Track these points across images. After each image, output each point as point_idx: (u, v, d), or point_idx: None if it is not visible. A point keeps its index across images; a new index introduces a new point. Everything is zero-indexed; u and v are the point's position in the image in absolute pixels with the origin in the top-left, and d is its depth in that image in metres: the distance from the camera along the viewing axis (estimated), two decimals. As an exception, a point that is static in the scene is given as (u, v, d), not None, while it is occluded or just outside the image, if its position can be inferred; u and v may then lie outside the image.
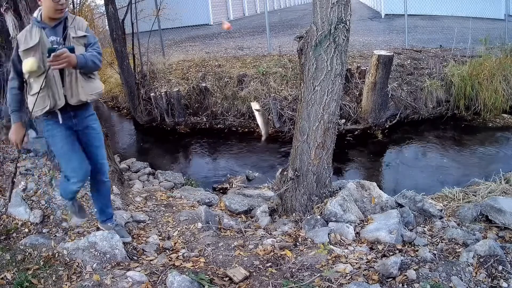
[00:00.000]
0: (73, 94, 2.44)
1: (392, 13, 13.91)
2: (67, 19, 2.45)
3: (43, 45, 2.35)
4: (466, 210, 2.99)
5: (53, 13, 2.35)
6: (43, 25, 2.38)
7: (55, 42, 2.39)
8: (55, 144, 2.55)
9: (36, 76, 2.36)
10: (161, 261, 2.54)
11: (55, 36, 2.41)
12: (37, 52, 2.34)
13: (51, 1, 2.30)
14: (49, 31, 2.39)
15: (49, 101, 2.40)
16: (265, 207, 3.38)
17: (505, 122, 6.44)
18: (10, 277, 2.32)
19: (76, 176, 2.53)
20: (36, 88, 2.37)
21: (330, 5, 2.65)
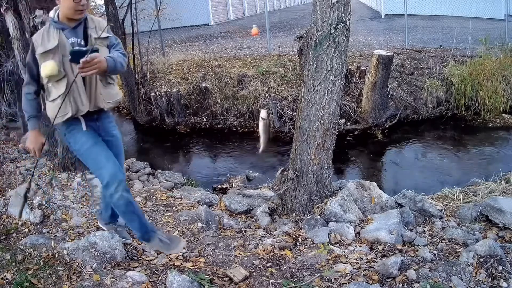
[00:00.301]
0: (91, 100, 2.30)
1: (392, 13, 13.91)
2: (87, 20, 2.30)
3: (63, 47, 2.19)
4: (466, 210, 2.99)
5: (73, 14, 2.19)
6: (62, 25, 2.22)
7: (76, 44, 2.24)
8: (81, 145, 2.35)
9: (55, 80, 2.20)
10: (161, 261, 2.54)
11: (75, 38, 2.25)
12: (57, 55, 2.18)
13: (71, 1, 2.14)
14: (69, 32, 2.23)
15: (70, 107, 2.24)
16: (265, 207, 3.38)
17: (505, 122, 6.44)
18: (10, 277, 2.32)
19: (116, 177, 2.31)
20: (56, 94, 2.22)
21: (330, 5, 2.65)
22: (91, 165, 2.39)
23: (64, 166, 3.66)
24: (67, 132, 2.36)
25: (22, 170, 3.96)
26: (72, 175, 3.59)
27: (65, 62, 2.18)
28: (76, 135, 2.34)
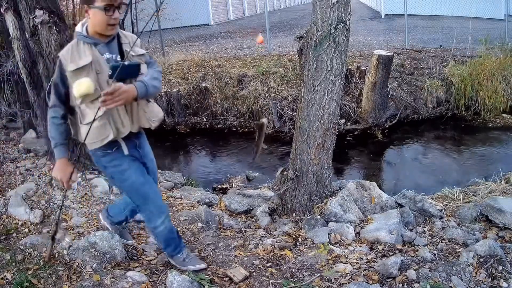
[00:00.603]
0: (134, 120, 2.10)
1: (392, 13, 13.92)
2: (120, 35, 2.12)
3: (97, 64, 2.00)
4: (466, 210, 2.99)
5: (105, 29, 1.99)
6: (94, 40, 2.02)
7: (112, 60, 2.05)
8: (128, 179, 2.18)
9: (90, 100, 1.99)
10: (161, 261, 2.54)
11: (110, 53, 2.06)
12: (91, 72, 1.97)
13: (103, 15, 1.94)
14: (102, 47, 2.04)
15: (111, 130, 2.04)
16: (265, 207, 3.38)
17: (505, 122, 6.44)
18: (10, 277, 2.33)
19: (163, 211, 2.26)
20: (92, 115, 1.99)
21: (330, 5, 2.65)
22: (136, 199, 2.26)
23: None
24: (104, 158, 2.17)
25: (22, 170, 3.95)
26: (72, 175, 3.58)
27: (100, 80, 2.00)
28: (117, 163, 2.16)
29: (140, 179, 2.20)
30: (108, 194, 3.43)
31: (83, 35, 2.03)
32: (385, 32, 10.82)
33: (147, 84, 2.01)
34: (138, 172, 2.20)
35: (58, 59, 2.04)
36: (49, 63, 3.36)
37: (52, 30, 3.29)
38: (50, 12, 3.28)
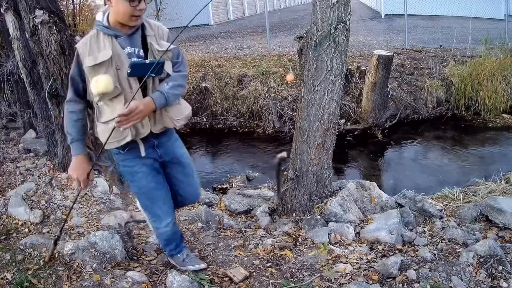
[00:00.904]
0: (156, 120, 1.96)
1: (392, 13, 13.91)
2: (144, 25, 1.92)
3: (118, 59, 1.83)
4: (466, 210, 2.99)
5: (128, 20, 1.81)
6: (115, 32, 1.84)
7: (133, 55, 1.87)
8: (137, 182, 2.10)
9: (109, 98, 1.86)
10: (161, 261, 2.54)
11: (132, 47, 1.88)
12: (110, 68, 1.82)
13: (127, 5, 1.75)
14: (124, 40, 1.86)
15: (129, 131, 1.90)
16: (265, 207, 3.38)
17: (505, 122, 6.44)
18: (10, 277, 2.33)
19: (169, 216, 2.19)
20: (111, 114, 1.87)
21: (330, 5, 2.65)
22: (142, 202, 2.23)
23: (64, 166, 3.66)
24: (117, 156, 2.08)
25: (22, 170, 3.95)
26: (72, 175, 3.59)
27: (120, 76, 1.84)
28: (128, 164, 2.07)
29: (150, 184, 2.10)
30: (108, 194, 3.43)
31: (103, 25, 1.85)
32: (385, 32, 10.82)
33: (167, 95, 1.87)
34: (149, 176, 2.09)
35: (75, 51, 1.89)
36: (49, 63, 3.36)
37: (52, 30, 3.29)
38: (50, 12, 3.28)
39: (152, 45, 1.90)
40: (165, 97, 1.87)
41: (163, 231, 2.27)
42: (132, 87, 1.87)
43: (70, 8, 10.56)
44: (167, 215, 2.21)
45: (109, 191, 3.48)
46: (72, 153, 2.02)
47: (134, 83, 1.87)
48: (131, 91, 1.86)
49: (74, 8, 10.43)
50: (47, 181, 3.48)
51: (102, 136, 1.95)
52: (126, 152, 2.02)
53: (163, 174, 2.18)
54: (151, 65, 1.82)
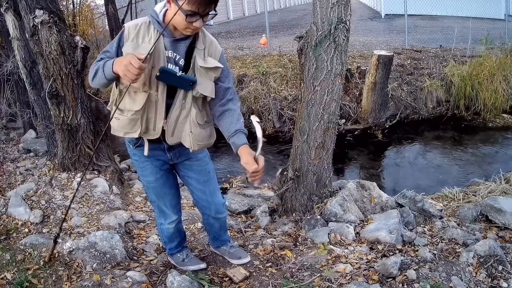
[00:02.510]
0: (174, 134, 1.89)
1: (392, 13, 13.92)
2: (198, 36, 1.81)
3: (157, 57, 1.74)
4: (466, 210, 2.99)
5: (182, 30, 1.72)
6: (165, 31, 1.74)
7: (172, 61, 1.78)
8: (145, 176, 2.08)
9: (133, 90, 1.79)
10: (161, 261, 2.54)
11: (174, 53, 1.78)
12: (145, 63, 1.67)
13: (183, 20, 1.64)
14: (169, 42, 1.77)
15: (139, 128, 1.84)
16: (265, 207, 3.38)
17: (505, 122, 6.45)
18: (10, 277, 2.32)
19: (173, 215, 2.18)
20: (129, 106, 1.82)
21: (330, 5, 2.65)
22: (151, 197, 2.19)
23: (64, 166, 3.66)
24: (132, 150, 2.04)
25: (22, 170, 3.96)
26: (72, 175, 3.59)
27: (152, 75, 1.74)
28: (137, 158, 2.04)
29: (159, 181, 2.07)
30: (108, 194, 3.43)
31: (157, 19, 1.76)
32: (385, 32, 10.82)
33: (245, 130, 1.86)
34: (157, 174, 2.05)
35: (122, 29, 1.80)
36: (49, 63, 3.36)
37: (52, 30, 3.29)
38: (50, 12, 3.28)
39: (196, 59, 1.80)
40: (245, 134, 1.86)
41: (166, 227, 2.27)
42: (158, 90, 1.79)
43: (70, 8, 10.57)
44: (173, 213, 2.20)
45: (109, 191, 3.48)
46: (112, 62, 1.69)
47: (162, 87, 1.79)
48: (156, 93, 1.79)
49: (74, 8, 10.44)
50: (47, 181, 3.48)
51: (114, 121, 1.90)
52: (135, 148, 2.00)
53: (174, 174, 2.16)
54: (180, 79, 1.78)
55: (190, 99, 1.85)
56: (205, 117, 1.94)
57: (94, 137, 3.65)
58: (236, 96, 1.98)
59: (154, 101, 1.80)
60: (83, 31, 11.13)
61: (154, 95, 1.79)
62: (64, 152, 3.62)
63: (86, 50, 3.53)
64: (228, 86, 1.92)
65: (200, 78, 1.81)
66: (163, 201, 2.16)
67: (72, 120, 3.51)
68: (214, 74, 1.86)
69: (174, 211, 2.20)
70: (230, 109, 1.91)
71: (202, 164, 2.13)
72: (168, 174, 2.12)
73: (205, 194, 2.18)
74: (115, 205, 3.32)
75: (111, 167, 3.77)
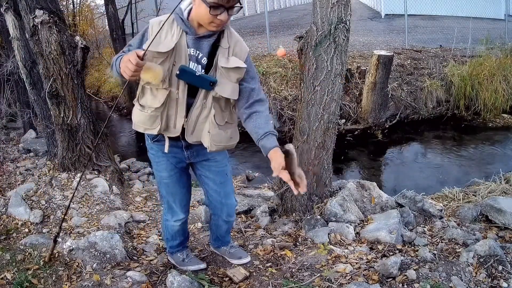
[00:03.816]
0: (194, 133, 1.87)
1: (392, 13, 13.91)
2: (223, 34, 1.78)
3: (178, 55, 1.73)
4: (466, 210, 2.99)
5: (207, 25, 1.68)
6: (188, 29, 1.73)
7: (193, 59, 1.76)
8: (159, 171, 2.06)
9: (155, 87, 1.78)
10: (161, 261, 2.54)
11: (197, 51, 1.76)
12: (167, 61, 1.72)
13: (207, 12, 1.61)
14: (192, 40, 1.74)
15: (159, 125, 1.83)
16: (265, 207, 3.38)
17: (505, 122, 6.45)
18: (10, 277, 2.32)
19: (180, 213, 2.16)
20: (150, 102, 1.81)
21: (330, 5, 2.65)
22: (162, 192, 2.17)
23: (64, 166, 3.66)
24: (149, 144, 2.03)
25: (22, 170, 3.96)
26: (72, 175, 3.59)
27: (173, 73, 1.73)
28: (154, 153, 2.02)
29: (172, 178, 2.06)
30: (108, 194, 3.43)
31: (181, 17, 1.74)
32: (385, 32, 10.82)
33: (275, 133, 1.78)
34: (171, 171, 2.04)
35: (147, 25, 1.78)
36: (49, 63, 3.36)
37: (52, 30, 3.29)
38: (50, 12, 3.28)
39: (219, 58, 1.76)
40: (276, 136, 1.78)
41: (171, 224, 2.24)
42: (179, 88, 1.78)
43: (70, 8, 10.58)
44: (181, 211, 2.18)
45: (109, 191, 3.48)
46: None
47: (183, 85, 1.77)
48: (177, 91, 1.78)
49: (74, 8, 10.45)
50: (47, 181, 3.48)
51: (135, 115, 1.91)
52: (153, 142, 1.99)
53: (189, 174, 2.15)
54: (199, 78, 1.75)
55: (211, 99, 1.82)
56: (226, 118, 1.90)
57: (94, 137, 3.66)
58: (264, 96, 1.91)
59: (175, 99, 1.79)
60: (83, 31, 11.14)
61: (175, 93, 1.78)
62: (64, 152, 3.62)
63: (86, 50, 3.53)
64: (253, 87, 1.86)
65: (220, 79, 1.77)
66: (173, 198, 2.14)
67: (72, 120, 3.52)
68: (237, 75, 1.81)
69: (182, 210, 2.18)
70: (257, 111, 1.84)
71: (220, 165, 2.10)
72: (182, 173, 2.09)
73: (219, 196, 2.16)
74: (115, 205, 3.32)
75: (111, 167, 3.77)
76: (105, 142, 3.82)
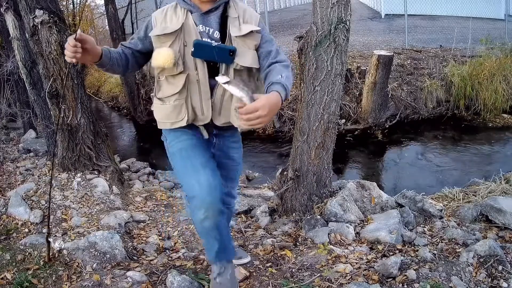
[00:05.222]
0: (221, 113, 1.77)
1: (392, 13, 13.91)
2: (229, 5, 1.73)
3: (188, 34, 1.67)
4: (466, 210, 2.99)
5: None
6: (190, 7, 1.69)
7: (205, 34, 1.69)
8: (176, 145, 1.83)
9: (169, 74, 1.70)
10: (161, 261, 2.54)
11: (206, 26, 1.70)
12: (176, 43, 1.66)
13: None
14: (198, 17, 1.69)
15: (186, 114, 1.73)
16: (265, 207, 3.38)
17: (505, 122, 6.45)
18: (10, 277, 2.33)
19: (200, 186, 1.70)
20: (168, 92, 1.72)
21: (330, 5, 2.65)
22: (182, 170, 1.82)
23: (64, 166, 3.66)
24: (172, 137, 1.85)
25: (22, 170, 3.96)
26: (72, 175, 3.59)
27: (186, 54, 1.67)
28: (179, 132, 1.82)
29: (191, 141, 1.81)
30: (108, 194, 3.43)
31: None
32: (385, 32, 10.81)
33: (288, 88, 1.59)
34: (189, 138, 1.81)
35: (150, 17, 1.75)
36: (49, 63, 3.36)
37: (52, 30, 3.29)
38: (50, 12, 3.28)
39: (230, 29, 1.68)
40: (286, 91, 1.58)
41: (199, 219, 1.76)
42: (198, 68, 1.68)
43: (70, 8, 10.57)
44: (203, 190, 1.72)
45: (109, 191, 3.48)
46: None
47: (202, 65, 1.68)
48: (196, 72, 1.68)
49: (74, 8, 10.44)
50: (47, 181, 3.49)
51: (156, 112, 1.79)
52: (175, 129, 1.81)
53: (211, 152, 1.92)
54: (217, 50, 1.64)
55: (233, 73, 1.70)
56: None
57: (94, 137, 3.66)
58: (287, 60, 1.72)
59: (196, 81, 1.70)
60: (83, 31, 11.13)
61: (194, 75, 1.69)
62: (64, 152, 3.62)
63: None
64: (270, 49, 1.72)
65: (238, 49, 1.67)
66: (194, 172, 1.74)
67: (72, 120, 3.52)
68: (253, 42, 1.71)
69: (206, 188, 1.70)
70: (271, 69, 1.66)
71: (236, 164, 2.06)
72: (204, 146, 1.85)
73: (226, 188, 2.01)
74: (115, 205, 3.32)
75: (111, 167, 3.77)
76: (105, 142, 3.82)
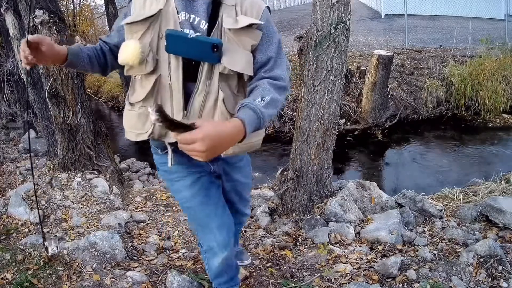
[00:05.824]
0: None
1: (392, 13, 13.90)
2: None
3: (165, 23, 1.27)
4: (466, 210, 2.99)
5: None
6: None
7: (187, 25, 1.28)
8: (178, 193, 1.54)
9: (139, 73, 1.31)
10: (161, 261, 2.54)
11: (189, 14, 1.28)
12: (149, 34, 1.27)
13: None
14: (181, 2, 1.28)
15: (152, 126, 1.33)
16: (265, 207, 3.38)
17: (505, 122, 6.45)
18: (10, 277, 2.33)
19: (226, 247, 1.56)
20: (138, 96, 1.35)
21: (330, 5, 2.65)
22: (193, 221, 1.65)
23: (64, 166, 3.66)
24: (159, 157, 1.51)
25: (22, 170, 3.96)
26: (72, 175, 3.59)
27: (160, 49, 1.27)
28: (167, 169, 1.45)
29: (196, 198, 1.51)
30: (108, 194, 3.43)
31: None
32: (385, 32, 10.81)
33: (262, 116, 1.17)
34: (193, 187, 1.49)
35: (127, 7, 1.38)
36: (49, 63, 3.35)
37: (52, 30, 3.29)
38: (50, 12, 3.28)
39: (223, 19, 1.26)
40: (260, 120, 1.16)
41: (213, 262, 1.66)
42: (171, 69, 1.28)
43: (70, 8, 10.58)
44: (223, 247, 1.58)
45: (109, 191, 3.48)
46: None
47: (175, 64, 1.27)
48: (169, 73, 1.28)
49: (74, 8, 10.45)
50: (47, 181, 3.48)
51: (124, 119, 1.43)
52: (164, 154, 1.45)
53: (218, 184, 1.60)
54: (195, 44, 1.21)
55: (217, 78, 1.29)
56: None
57: (94, 137, 3.65)
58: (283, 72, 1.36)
59: (167, 85, 1.29)
60: (83, 31, 11.15)
61: (166, 77, 1.28)
62: (64, 152, 3.62)
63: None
64: (269, 56, 1.33)
65: (228, 46, 1.25)
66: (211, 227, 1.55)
67: (72, 120, 3.52)
68: (251, 40, 1.30)
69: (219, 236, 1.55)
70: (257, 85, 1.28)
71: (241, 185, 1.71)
72: (209, 188, 1.53)
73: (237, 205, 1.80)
74: (115, 205, 3.32)
75: (111, 167, 3.77)
76: (105, 142, 3.82)
